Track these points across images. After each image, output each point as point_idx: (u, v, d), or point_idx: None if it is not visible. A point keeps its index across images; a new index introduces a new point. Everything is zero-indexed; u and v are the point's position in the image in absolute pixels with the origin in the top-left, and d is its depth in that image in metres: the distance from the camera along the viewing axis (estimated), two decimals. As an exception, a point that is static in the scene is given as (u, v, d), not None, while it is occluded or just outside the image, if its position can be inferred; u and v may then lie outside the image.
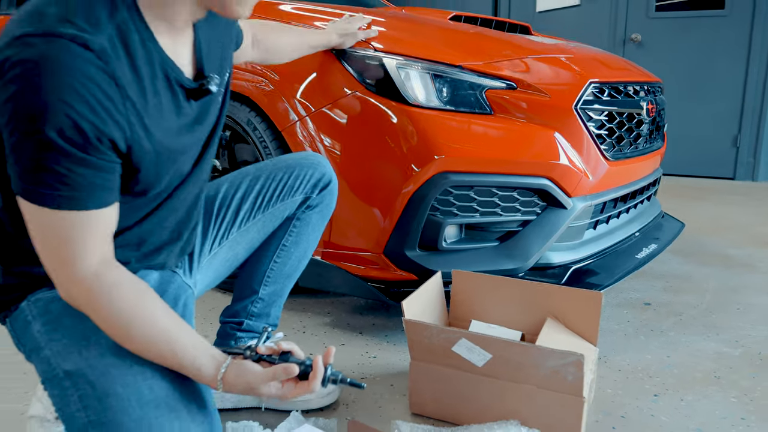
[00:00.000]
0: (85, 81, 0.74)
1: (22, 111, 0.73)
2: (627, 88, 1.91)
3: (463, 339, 1.15)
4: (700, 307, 1.89)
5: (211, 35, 0.99)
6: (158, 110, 0.86)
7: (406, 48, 1.64)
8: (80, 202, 0.78)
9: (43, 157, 0.74)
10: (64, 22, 0.74)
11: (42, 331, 0.92)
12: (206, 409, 0.90)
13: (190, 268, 1.15)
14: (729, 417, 1.27)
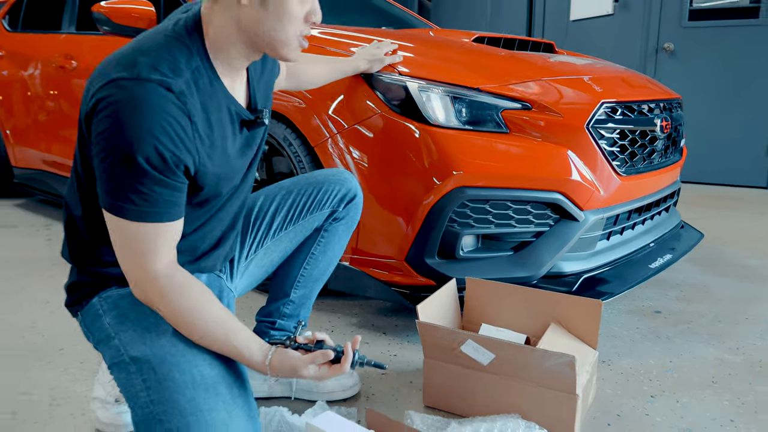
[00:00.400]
0: (168, 117, 0.92)
1: (116, 141, 0.91)
2: (641, 107, 2.01)
3: (469, 340, 1.29)
4: (709, 316, 1.98)
5: (260, 74, 1.17)
6: (222, 139, 1.04)
7: (427, 72, 1.78)
8: (157, 216, 0.96)
9: (132, 179, 0.92)
10: (153, 70, 0.93)
11: (112, 323, 1.10)
12: (246, 394, 1.06)
13: (231, 273, 1.32)
14: (719, 419, 1.37)
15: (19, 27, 3.61)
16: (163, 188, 0.95)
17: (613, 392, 1.49)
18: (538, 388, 1.26)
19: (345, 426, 1.14)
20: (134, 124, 0.90)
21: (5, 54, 3.51)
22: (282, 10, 0.99)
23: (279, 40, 1.02)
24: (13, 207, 3.62)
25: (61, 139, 3.12)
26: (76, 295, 1.15)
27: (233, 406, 1.01)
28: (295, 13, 1.00)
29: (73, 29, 3.13)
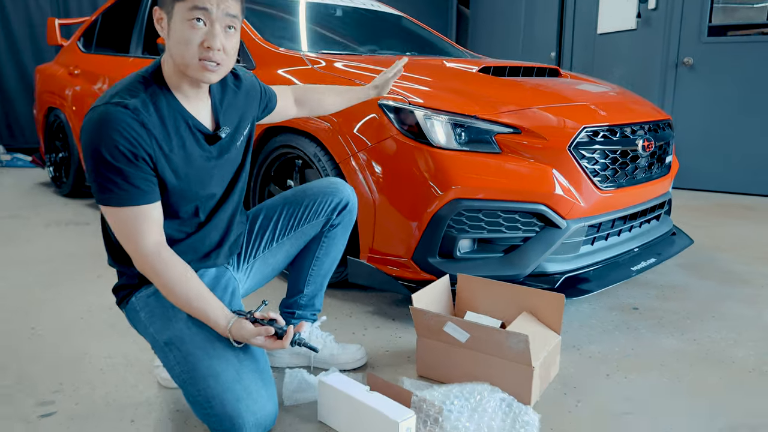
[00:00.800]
0: (122, 124, 1.29)
1: (90, 146, 1.29)
2: (624, 129, 2.30)
3: (449, 322, 1.63)
4: (680, 313, 2.25)
5: (229, 102, 1.53)
6: (179, 143, 1.39)
7: (433, 102, 2.13)
8: (133, 200, 1.32)
9: (105, 171, 1.29)
10: (115, 96, 1.32)
11: (145, 317, 1.49)
12: (253, 357, 1.42)
13: (237, 266, 1.69)
14: (655, 392, 1.67)
15: (92, 48, 4.12)
16: (130, 177, 1.30)
17: (575, 371, 1.80)
18: (503, 361, 1.59)
19: (349, 383, 1.50)
20: (99, 131, 1.29)
21: (81, 72, 4.02)
22: (178, 36, 1.32)
23: (183, 64, 1.34)
24: (84, 206, 4.12)
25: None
26: (119, 295, 1.56)
27: (240, 367, 1.38)
28: (187, 37, 1.31)
29: (139, 53, 3.59)
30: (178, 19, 1.32)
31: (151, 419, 1.54)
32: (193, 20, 1.30)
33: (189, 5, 1.30)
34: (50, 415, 1.56)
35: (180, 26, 1.31)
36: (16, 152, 6.09)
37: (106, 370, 1.80)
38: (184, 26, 1.31)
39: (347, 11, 3.55)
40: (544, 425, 1.51)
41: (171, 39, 1.34)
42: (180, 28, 1.31)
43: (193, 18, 1.30)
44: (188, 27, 1.31)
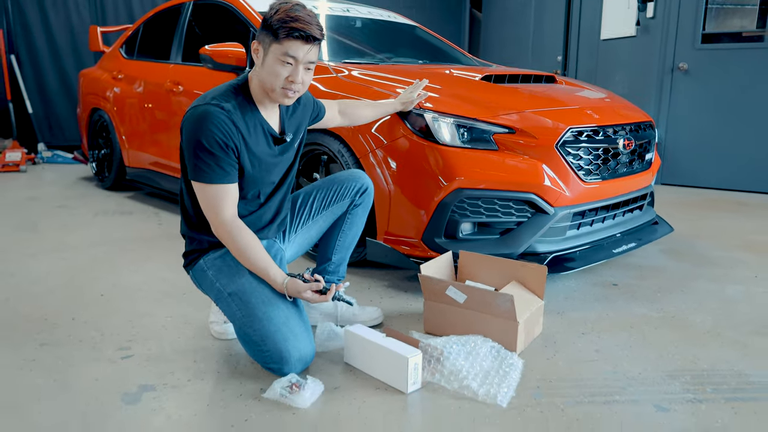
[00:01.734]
0: (218, 121, 1.70)
1: (192, 135, 1.70)
2: (606, 130, 2.66)
3: (450, 286, 2.00)
4: (653, 288, 2.60)
5: (291, 114, 1.96)
6: (256, 141, 1.81)
7: (440, 106, 2.50)
8: (220, 179, 1.73)
9: (201, 155, 1.70)
10: (213, 99, 1.73)
11: (212, 275, 1.88)
12: (298, 309, 1.81)
13: (283, 240, 2.09)
14: (620, 346, 2.03)
15: (134, 55, 4.54)
16: (220, 161, 1.71)
17: (556, 330, 2.16)
18: (493, 318, 1.96)
19: (370, 332, 1.87)
20: (201, 124, 1.70)
21: (124, 77, 4.44)
22: (270, 68, 1.73)
23: (270, 89, 1.76)
24: (126, 198, 4.55)
25: (166, 145, 3.98)
26: (188, 258, 1.95)
27: (289, 315, 1.78)
28: (277, 71, 1.73)
29: (179, 60, 4.00)
30: (273, 56, 1.72)
31: (211, 361, 1.93)
32: (285, 61, 1.71)
33: (283, 50, 1.71)
34: (130, 357, 1.95)
35: (273, 62, 1.72)
36: (56, 149, 6.54)
37: (168, 326, 2.19)
38: (276, 63, 1.72)
39: (366, 23, 3.93)
40: (526, 367, 1.88)
41: (264, 68, 1.75)
42: (273, 63, 1.72)
43: (285, 60, 1.71)
44: (279, 64, 1.72)
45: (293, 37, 1.69)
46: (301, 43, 1.71)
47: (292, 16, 1.69)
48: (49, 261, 2.96)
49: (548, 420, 1.60)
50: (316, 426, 1.57)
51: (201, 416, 1.61)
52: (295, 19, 1.69)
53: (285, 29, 1.69)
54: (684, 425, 1.58)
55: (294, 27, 1.69)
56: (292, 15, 1.70)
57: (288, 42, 1.70)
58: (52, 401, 1.68)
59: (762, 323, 2.24)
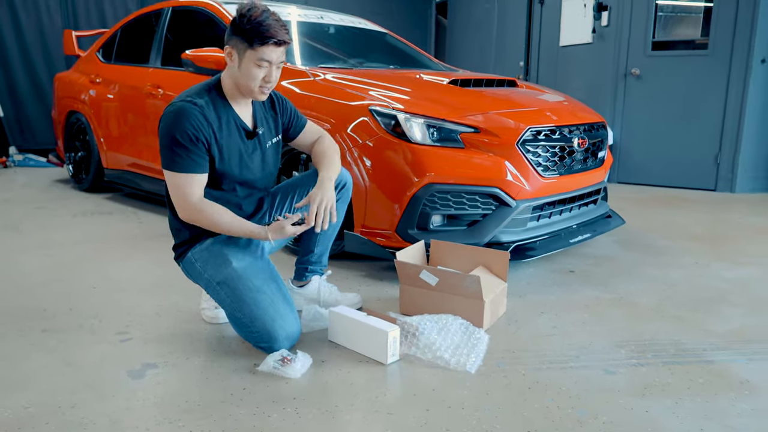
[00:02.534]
0: (190, 116, 1.88)
1: (167, 129, 1.88)
2: (562, 129, 2.91)
3: (424, 270, 2.22)
4: (605, 274, 2.87)
5: (264, 112, 2.13)
6: (228, 135, 1.98)
7: (411, 107, 2.71)
8: (189, 168, 1.90)
9: (174, 147, 1.88)
10: (187, 97, 1.92)
11: (200, 267, 2.05)
12: (283, 292, 2.00)
13: None
14: (576, 322, 2.28)
15: (112, 59, 4.65)
16: (190, 153, 1.88)
17: (519, 311, 2.40)
18: (462, 298, 2.18)
19: (352, 311, 2.07)
20: (175, 119, 1.88)
21: (102, 80, 4.55)
22: (246, 71, 1.92)
23: (247, 89, 1.95)
24: (104, 199, 4.65)
25: (145, 147, 4.11)
26: (177, 251, 2.12)
27: (274, 297, 1.96)
28: (253, 74, 1.91)
29: (158, 64, 4.13)
30: (249, 61, 1.90)
31: (205, 342, 2.10)
32: (260, 65, 1.90)
33: (259, 56, 1.89)
34: (129, 340, 2.11)
35: (249, 66, 1.90)
36: (27, 152, 6.56)
37: (161, 313, 2.35)
38: (252, 67, 1.90)
39: (339, 29, 4.13)
40: (491, 341, 2.10)
41: (240, 71, 1.92)
42: (249, 67, 1.90)
43: (260, 64, 1.90)
44: (255, 67, 1.90)
45: (267, 44, 1.87)
46: (274, 47, 1.89)
47: (264, 24, 1.86)
48: (36, 257, 3.08)
49: (511, 383, 1.82)
50: (308, 392, 1.76)
51: (202, 387, 1.78)
52: (267, 27, 1.86)
53: (259, 38, 1.86)
54: (628, 384, 1.82)
55: (268, 36, 1.86)
56: (264, 23, 1.86)
57: (262, 48, 1.88)
58: (61, 377, 1.83)
59: (698, 301, 2.52)
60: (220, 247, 2.04)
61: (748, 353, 2.04)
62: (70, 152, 5.07)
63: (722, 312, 2.41)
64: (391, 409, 1.67)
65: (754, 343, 2.12)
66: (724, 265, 3.03)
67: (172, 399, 1.71)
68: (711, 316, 2.37)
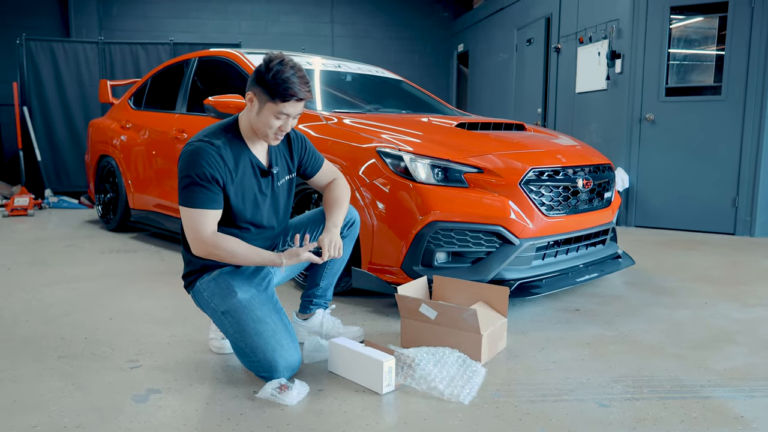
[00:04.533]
0: (207, 156, 1.98)
1: (185, 166, 1.98)
2: (566, 170, 2.98)
3: (423, 304, 2.27)
4: (612, 313, 2.87)
5: (279, 152, 2.22)
6: (243, 173, 2.07)
7: (417, 149, 2.82)
8: (204, 204, 1.99)
9: (191, 184, 1.97)
10: (204, 137, 2.02)
11: (207, 296, 2.14)
12: (285, 324, 2.06)
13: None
14: (575, 358, 2.29)
15: (142, 106, 4.91)
16: (205, 190, 1.98)
17: (519, 346, 2.42)
18: (461, 332, 2.22)
19: (351, 342, 2.13)
20: (193, 158, 1.98)
21: (132, 126, 4.79)
22: (264, 120, 2.02)
23: (262, 134, 2.05)
24: (130, 238, 4.82)
25: (169, 188, 4.29)
26: (187, 280, 2.21)
27: (276, 328, 2.03)
28: (271, 123, 2.01)
29: (184, 110, 4.36)
30: (268, 112, 2.00)
31: (210, 371, 2.17)
32: (279, 117, 2.01)
33: (278, 110, 1.99)
34: (138, 367, 2.20)
35: (268, 116, 2.00)
36: (62, 195, 6.86)
37: (172, 343, 2.44)
38: (270, 117, 2.00)
39: (356, 77, 4.31)
40: (488, 374, 2.13)
41: (259, 119, 2.02)
42: (268, 117, 2.01)
43: (279, 117, 2.01)
44: (273, 118, 2.01)
45: (289, 101, 1.97)
46: (294, 102, 1.99)
47: (289, 81, 1.95)
48: (62, 290, 3.22)
49: (502, 414, 1.84)
50: (302, 418, 1.81)
51: (201, 412, 1.85)
52: (290, 84, 1.95)
53: (281, 94, 1.95)
54: (620, 417, 1.83)
55: (290, 93, 1.95)
56: (289, 81, 1.95)
57: (284, 104, 1.98)
58: (70, 399, 1.92)
59: (702, 340, 2.51)
60: (226, 278, 2.13)
61: (747, 390, 2.02)
62: (100, 194, 5.30)
63: (725, 351, 2.39)
64: (381, 435, 1.71)
65: (754, 381, 2.10)
66: (733, 306, 3.01)
67: (171, 422, 1.78)
68: (713, 354, 2.35)
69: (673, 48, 5.26)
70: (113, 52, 7.25)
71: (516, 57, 7.46)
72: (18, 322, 2.68)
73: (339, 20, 9.37)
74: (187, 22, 8.76)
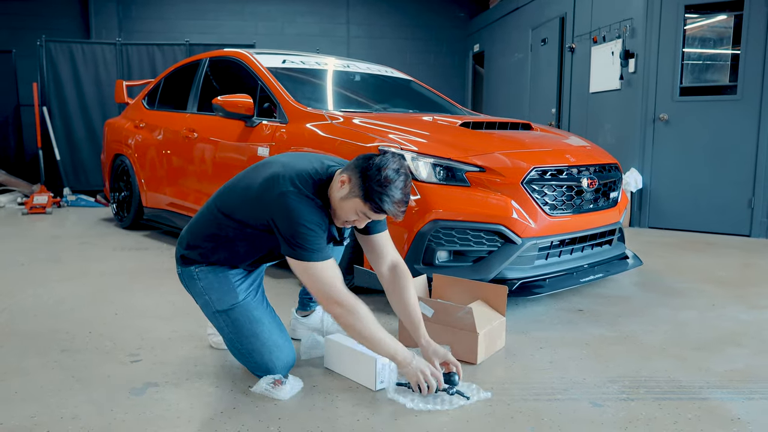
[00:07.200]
0: (314, 213, 1.85)
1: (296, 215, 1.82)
2: (570, 169, 2.96)
3: (420, 302, 2.27)
4: (615, 313, 2.84)
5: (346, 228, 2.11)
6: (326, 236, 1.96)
7: (419, 147, 2.82)
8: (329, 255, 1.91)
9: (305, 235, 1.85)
10: (306, 193, 1.86)
11: (204, 286, 2.10)
12: (281, 327, 2.07)
13: None
14: (573, 358, 2.27)
15: (155, 106, 4.97)
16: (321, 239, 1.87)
17: (517, 346, 2.41)
18: (456, 330, 2.22)
19: (347, 340, 2.13)
20: (299, 209, 1.83)
21: (145, 125, 4.86)
22: (345, 209, 1.85)
23: (335, 215, 1.90)
24: (142, 236, 4.89)
25: (182, 187, 4.34)
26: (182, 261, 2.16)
27: (272, 329, 2.04)
28: (349, 216, 1.87)
29: (194, 110, 4.41)
30: (353, 205, 1.84)
31: (208, 366, 2.20)
32: (359, 215, 1.86)
33: (364, 211, 1.83)
34: (138, 361, 2.23)
35: (350, 208, 1.85)
36: (80, 193, 6.98)
37: (173, 338, 2.48)
38: (351, 211, 1.85)
39: (365, 77, 4.33)
40: (483, 372, 2.13)
41: (341, 203, 1.86)
42: (350, 209, 1.85)
43: (359, 215, 1.86)
44: (354, 213, 1.86)
45: (379, 213, 1.83)
46: (382, 215, 1.86)
47: (389, 196, 1.78)
48: (72, 286, 3.28)
49: (494, 412, 1.84)
50: (294, 413, 1.83)
51: (196, 405, 1.88)
52: (389, 200, 1.78)
53: (376, 205, 1.79)
54: (612, 417, 1.81)
55: (385, 210, 1.80)
56: (390, 195, 1.78)
57: (372, 212, 1.83)
58: (69, 391, 1.96)
59: (705, 341, 2.47)
60: (225, 275, 2.11)
61: (746, 392, 1.99)
62: (115, 192, 5.38)
63: (728, 352, 2.36)
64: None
65: (754, 383, 2.07)
66: (741, 307, 2.96)
67: (165, 414, 1.81)
68: (715, 356, 2.32)
69: (687, 47, 5.19)
70: (130, 53, 7.36)
71: (531, 57, 7.42)
72: (26, 317, 2.74)
73: (354, 21, 9.40)
74: (204, 23, 8.85)
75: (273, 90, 3.64)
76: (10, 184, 7.16)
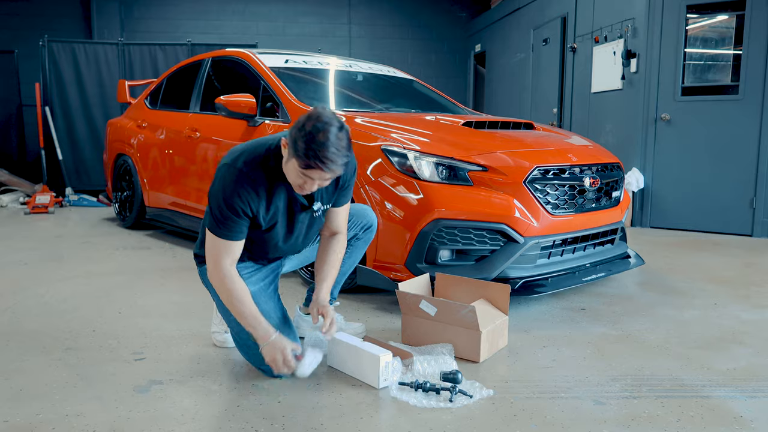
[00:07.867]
0: (243, 190, 1.87)
1: (219, 191, 1.90)
2: (573, 169, 2.96)
3: (423, 300, 2.28)
4: (618, 313, 2.85)
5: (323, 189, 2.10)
6: (278, 204, 1.97)
7: (421, 146, 2.83)
8: (227, 236, 1.93)
9: (219, 212, 1.89)
10: (244, 166, 1.88)
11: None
12: (291, 327, 2.09)
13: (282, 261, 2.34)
14: (576, 356, 2.28)
15: (158, 105, 4.98)
16: (233, 222, 1.90)
17: (520, 344, 2.42)
18: (460, 328, 2.23)
19: (351, 338, 2.14)
20: (228, 186, 1.88)
21: (147, 125, 4.87)
22: (289, 172, 1.84)
23: (293, 184, 1.88)
24: (144, 236, 4.90)
25: (184, 186, 4.35)
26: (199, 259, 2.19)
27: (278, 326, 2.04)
28: (293, 178, 1.85)
29: (197, 110, 4.41)
30: (293, 167, 1.81)
31: (212, 364, 2.21)
32: (301, 176, 1.81)
33: (302, 170, 1.78)
34: (142, 359, 2.24)
35: (292, 170, 1.83)
36: (82, 193, 6.99)
37: (177, 337, 2.49)
38: (295, 173, 1.82)
39: (367, 77, 4.33)
40: (487, 370, 2.13)
41: (286, 167, 1.85)
42: (292, 171, 1.83)
43: (301, 177, 1.82)
44: (296, 175, 1.82)
45: (312, 169, 1.77)
46: (319, 172, 1.78)
47: (320, 153, 1.73)
48: (75, 285, 3.29)
49: (497, 410, 1.85)
50: (297, 410, 1.83)
51: (200, 403, 1.88)
52: (318, 158, 1.73)
53: (305, 161, 1.75)
54: (615, 415, 1.82)
55: (312, 165, 1.75)
56: (319, 153, 1.73)
57: (307, 171, 1.79)
58: (74, 389, 1.97)
59: (708, 340, 2.48)
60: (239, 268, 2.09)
61: (749, 391, 2.00)
62: (117, 192, 5.39)
63: (730, 351, 2.36)
64: (374, 430, 1.72)
65: (756, 382, 2.07)
66: (743, 307, 2.97)
67: (170, 412, 1.82)
68: (717, 354, 2.33)
69: (689, 47, 5.19)
70: (132, 52, 7.37)
71: (532, 57, 7.42)
72: (30, 316, 2.75)
73: (356, 21, 9.41)
74: (207, 23, 8.87)
75: (276, 89, 3.65)
76: (13, 183, 7.18)
